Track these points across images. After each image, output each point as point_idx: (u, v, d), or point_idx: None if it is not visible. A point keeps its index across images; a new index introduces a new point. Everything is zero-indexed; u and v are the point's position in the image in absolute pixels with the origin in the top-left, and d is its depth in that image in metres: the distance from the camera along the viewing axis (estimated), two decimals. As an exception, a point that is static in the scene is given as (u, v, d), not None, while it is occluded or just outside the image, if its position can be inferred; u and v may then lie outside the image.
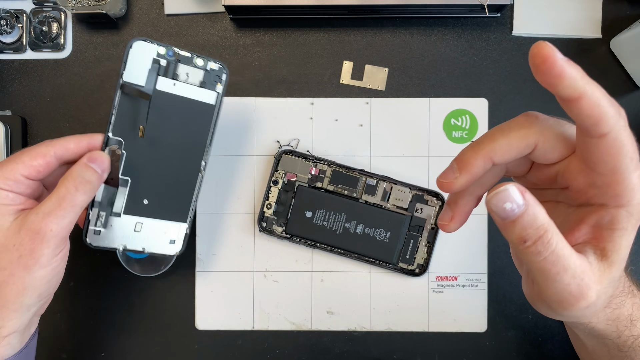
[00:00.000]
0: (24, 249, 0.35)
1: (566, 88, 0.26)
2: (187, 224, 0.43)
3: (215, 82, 0.42)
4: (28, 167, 0.36)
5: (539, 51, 0.26)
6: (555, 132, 0.28)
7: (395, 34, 0.50)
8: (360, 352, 0.50)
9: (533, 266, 0.26)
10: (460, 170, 0.28)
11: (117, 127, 0.39)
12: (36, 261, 0.35)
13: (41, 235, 0.35)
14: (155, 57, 0.40)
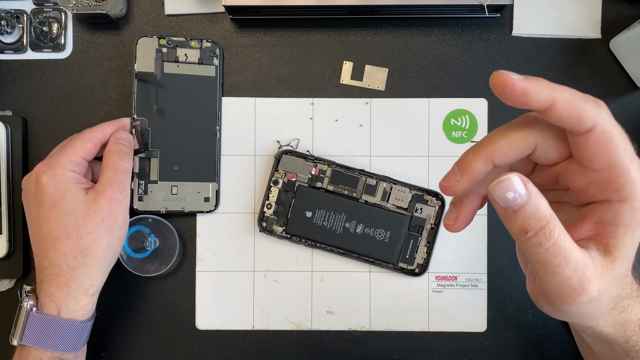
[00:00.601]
0: (104, 212, 0.42)
1: (535, 101, 0.27)
2: (216, 182, 0.49)
3: (211, 57, 0.49)
4: (83, 150, 0.43)
5: (497, 81, 0.28)
6: (554, 132, 0.28)
7: (395, 34, 0.50)
8: (360, 352, 0.50)
9: (534, 258, 0.26)
10: (462, 173, 0.28)
11: (139, 109, 0.48)
12: (115, 221, 0.42)
13: (115, 199, 0.42)
14: (157, 47, 0.48)
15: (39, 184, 0.42)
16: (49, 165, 0.42)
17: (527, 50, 0.50)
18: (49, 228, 0.41)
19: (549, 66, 0.50)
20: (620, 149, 0.26)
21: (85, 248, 0.41)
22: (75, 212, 0.41)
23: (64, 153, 0.43)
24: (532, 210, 0.25)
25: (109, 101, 0.50)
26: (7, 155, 0.49)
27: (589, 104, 0.26)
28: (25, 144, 0.50)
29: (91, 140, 0.44)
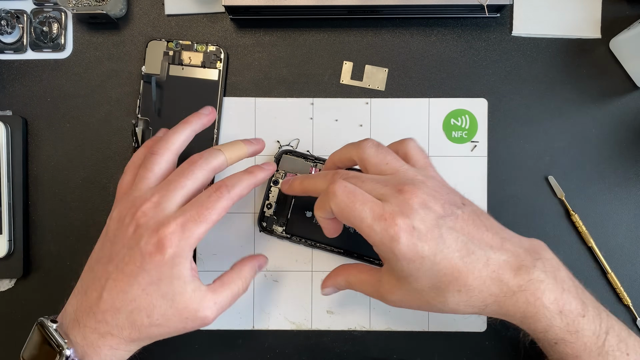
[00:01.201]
0: (194, 323, 0.38)
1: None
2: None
3: (215, 61, 0.49)
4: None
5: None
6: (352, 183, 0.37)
7: (395, 34, 0.50)
8: (360, 352, 0.50)
9: None
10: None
11: (143, 109, 0.49)
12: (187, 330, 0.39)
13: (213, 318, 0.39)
14: (165, 50, 0.49)
15: (159, 254, 0.35)
16: (183, 235, 0.35)
17: (527, 50, 0.50)
18: (136, 294, 0.36)
19: (549, 66, 0.50)
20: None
21: (151, 336, 0.37)
22: (172, 302, 0.36)
23: (203, 223, 0.36)
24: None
25: (109, 101, 0.50)
26: (7, 155, 0.49)
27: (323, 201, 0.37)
28: (25, 144, 0.50)
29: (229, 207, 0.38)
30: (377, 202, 0.34)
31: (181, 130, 0.41)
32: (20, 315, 0.50)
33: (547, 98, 0.50)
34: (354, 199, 0.34)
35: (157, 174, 0.39)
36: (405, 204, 0.34)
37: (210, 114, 0.43)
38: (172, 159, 0.40)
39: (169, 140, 0.40)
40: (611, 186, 0.50)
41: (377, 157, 0.38)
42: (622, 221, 0.49)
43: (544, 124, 0.50)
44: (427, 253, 0.33)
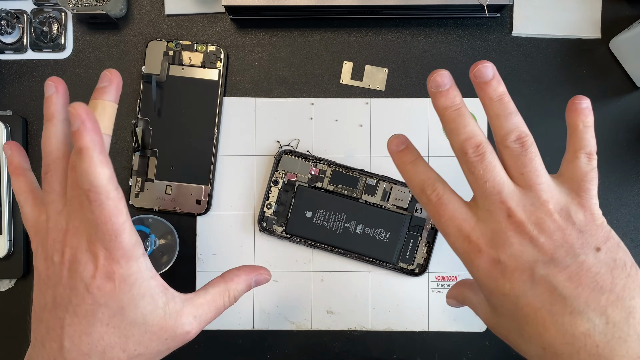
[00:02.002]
0: (175, 342, 0.34)
1: None
2: (209, 186, 0.49)
3: (215, 61, 0.49)
4: None
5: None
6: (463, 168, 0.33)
7: (395, 34, 0.50)
8: (360, 352, 0.50)
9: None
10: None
11: (143, 109, 0.49)
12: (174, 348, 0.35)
13: (194, 334, 0.35)
14: (165, 50, 0.49)
15: (109, 281, 0.31)
16: (119, 254, 0.31)
17: (527, 50, 0.50)
18: (101, 332, 0.32)
19: (549, 66, 0.50)
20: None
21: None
22: (144, 326, 0.32)
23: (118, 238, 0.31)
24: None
25: (109, 101, 0.50)
26: (7, 155, 0.49)
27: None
28: (25, 144, 0.50)
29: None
30: (468, 219, 0.31)
31: (51, 131, 0.34)
32: (20, 315, 0.50)
33: (547, 98, 0.50)
34: (443, 211, 0.31)
35: (60, 192, 0.33)
36: (503, 233, 0.29)
37: (57, 90, 0.34)
38: (64, 166, 0.33)
39: (50, 151, 0.34)
40: (611, 186, 0.50)
41: (517, 159, 0.32)
42: (622, 221, 0.49)
43: (544, 124, 0.50)
44: (507, 292, 0.29)
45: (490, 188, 0.30)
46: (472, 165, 0.30)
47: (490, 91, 0.34)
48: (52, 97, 0.34)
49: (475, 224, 0.30)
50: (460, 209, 0.31)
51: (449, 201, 0.31)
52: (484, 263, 0.30)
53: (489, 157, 0.31)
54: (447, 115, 0.32)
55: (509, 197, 0.30)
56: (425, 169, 0.33)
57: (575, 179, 0.31)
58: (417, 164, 0.34)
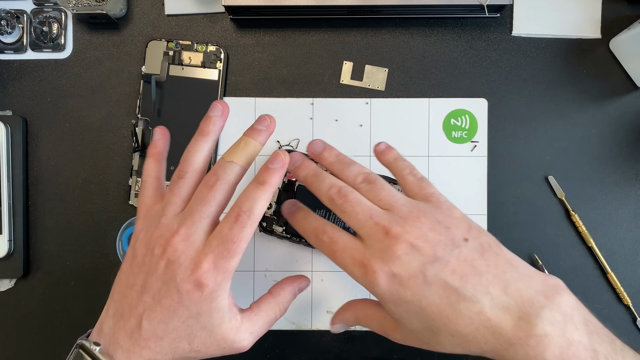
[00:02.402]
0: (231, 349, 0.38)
1: None
2: None
3: (215, 61, 0.49)
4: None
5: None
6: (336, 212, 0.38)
7: (395, 34, 0.50)
8: (360, 352, 0.50)
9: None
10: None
11: (143, 109, 0.49)
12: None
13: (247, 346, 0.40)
14: (165, 50, 0.49)
15: (196, 291, 0.35)
16: (217, 272, 0.35)
17: (527, 50, 0.50)
18: (177, 325, 0.36)
19: (549, 66, 0.50)
20: None
21: (190, 357, 0.37)
22: (211, 333, 0.36)
23: (235, 258, 0.35)
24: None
25: (109, 101, 0.50)
26: (7, 155, 0.49)
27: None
28: (25, 144, 0.50)
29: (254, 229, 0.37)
30: (357, 248, 0.35)
31: (201, 145, 0.39)
32: (20, 315, 0.50)
33: (547, 98, 0.50)
34: (335, 247, 0.35)
35: (184, 198, 0.38)
36: (388, 249, 0.33)
37: (222, 114, 0.40)
38: (198, 179, 0.38)
39: (193, 162, 0.39)
40: (611, 186, 0.50)
41: (370, 193, 0.37)
42: (622, 221, 0.49)
43: (544, 124, 0.50)
44: (410, 298, 0.33)
45: (363, 217, 0.35)
46: (342, 205, 0.36)
47: (326, 157, 0.40)
48: (215, 119, 0.39)
49: (365, 250, 0.34)
50: (349, 241, 0.35)
51: (339, 238, 0.36)
52: (382, 280, 0.33)
53: (352, 195, 0.36)
54: (308, 180, 0.39)
55: (381, 218, 0.35)
56: (314, 219, 0.38)
57: (417, 192, 0.37)
58: (307, 217, 0.39)
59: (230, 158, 0.37)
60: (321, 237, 0.36)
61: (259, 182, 0.36)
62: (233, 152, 0.38)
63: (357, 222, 0.35)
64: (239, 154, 0.38)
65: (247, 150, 0.38)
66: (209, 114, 0.40)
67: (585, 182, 0.50)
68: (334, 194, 0.37)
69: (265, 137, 0.39)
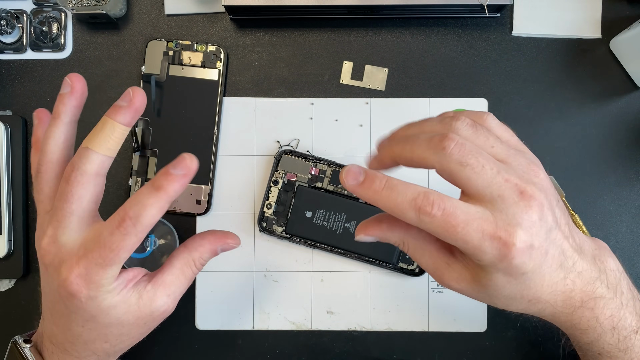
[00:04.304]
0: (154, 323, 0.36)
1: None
2: (208, 186, 0.49)
3: (215, 61, 0.49)
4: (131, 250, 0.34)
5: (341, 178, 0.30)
6: (452, 171, 0.29)
7: (395, 34, 0.50)
8: (360, 352, 0.50)
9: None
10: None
11: None
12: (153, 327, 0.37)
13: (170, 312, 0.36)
14: (165, 49, 0.49)
15: (72, 298, 0.31)
16: (90, 280, 0.31)
17: (527, 50, 0.50)
18: (79, 331, 0.33)
19: (549, 66, 0.50)
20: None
21: (119, 351, 0.36)
22: (122, 324, 0.33)
23: (107, 267, 0.31)
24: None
25: (109, 101, 0.50)
26: (7, 155, 0.49)
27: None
28: (25, 144, 0.50)
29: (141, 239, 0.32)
30: (484, 216, 0.27)
31: (53, 131, 0.34)
32: (20, 315, 0.50)
33: (547, 98, 0.50)
34: (455, 220, 0.27)
35: (49, 194, 0.34)
36: (524, 214, 0.27)
37: (73, 90, 0.34)
38: (59, 170, 0.34)
39: (46, 152, 0.33)
40: (611, 186, 0.50)
41: (478, 140, 0.29)
42: (622, 221, 0.49)
43: (544, 124, 0.50)
44: (528, 270, 0.29)
45: (491, 172, 0.28)
46: (461, 156, 0.28)
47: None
48: (63, 97, 0.33)
49: (496, 218, 0.27)
50: (470, 210, 0.28)
51: (456, 206, 0.28)
52: (520, 255, 0.27)
53: (468, 144, 0.29)
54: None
55: (508, 173, 0.28)
56: (405, 187, 0.29)
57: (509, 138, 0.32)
58: (392, 185, 0.29)
59: (86, 144, 0.32)
60: (429, 210, 0.27)
61: (154, 186, 0.31)
62: (90, 137, 0.32)
63: (484, 179, 0.28)
64: (94, 138, 0.32)
65: (105, 133, 0.32)
66: (60, 91, 0.33)
67: (585, 182, 0.50)
68: (443, 142, 0.28)
69: (128, 117, 0.32)
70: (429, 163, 0.29)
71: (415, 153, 0.29)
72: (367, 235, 0.32)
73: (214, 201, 0.50)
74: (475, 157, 0.28)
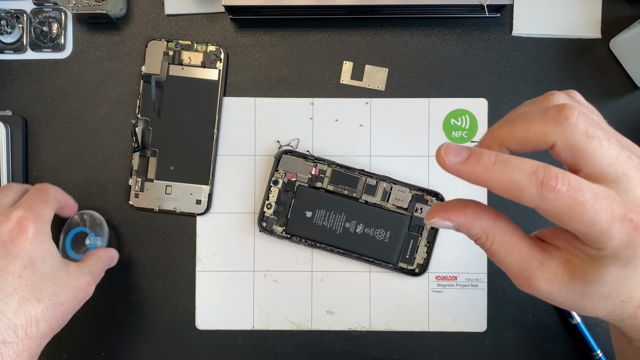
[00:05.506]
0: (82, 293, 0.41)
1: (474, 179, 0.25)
2: (208, 186, 0.49)
3: (215, 61, 0.49)
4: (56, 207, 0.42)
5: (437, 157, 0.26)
6: (578, 144, 0.25)
7: (395, 34, 0.50)
8: (360, 352, 0.50)
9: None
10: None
11: (143, 109, 0.49)
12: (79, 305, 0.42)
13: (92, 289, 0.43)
14: (165, 49, 0.49)
15: (22, 234, 0.36)
16: (36, 216, 0.37)
17: (527, 50, 0.50)
18: (16, 286, 0.36)
19: (549, 66, 0.50)
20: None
21: (50, 318, 0.37)
22: (55, 279, 0.37)
23: (47, 205, 0.39)
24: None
25: (109, 101, 0.50)
26: (7, 155, 0.49)
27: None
28: (25, 144, 0.50)
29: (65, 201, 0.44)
30: (612, 196, 0.24)
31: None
32: (20, 315, 0.50)
33: (547, 98, 0.50)
34: (582, 196, 0.23)
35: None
36: None
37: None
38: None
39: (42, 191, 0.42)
40: (611, 186, 0.49)
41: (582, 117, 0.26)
42: (622, 221, 0.49)
43: (544, 124, 0.50)
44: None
45: (615, 148, 0.25)
46: (585, 131, 0.25)
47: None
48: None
49: (622, 199, 0.24)
50: (596, 188, 0.24)
51: (580, 182, 0.24)
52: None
53: (582, 117, 0.25)
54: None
55: (631, 150, 0.25)
56: (520, 160, 0.24)
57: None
58: (504, 160, 0.25)
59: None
60: (553, 185, 0.23)
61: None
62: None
63: (610, 154, 0.25)
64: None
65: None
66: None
67: (585, 182, 0.49)
68: (564, 112, 0.25)
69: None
70: (550, 138, 0.25)
71: (531, 129, 0.25)
72: (445, 220, 0.27)
73: (214, 201, 0.50)
74: (600, 128, 0.25)
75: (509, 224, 0.27)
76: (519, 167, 0.24)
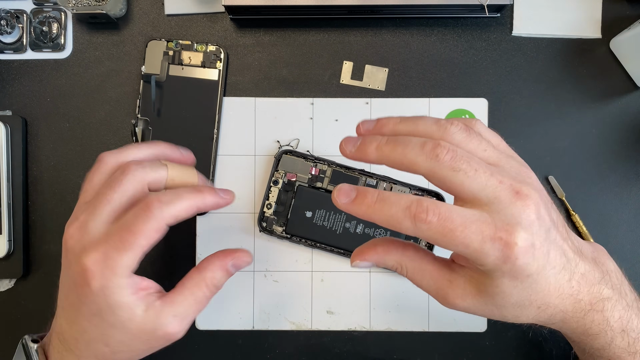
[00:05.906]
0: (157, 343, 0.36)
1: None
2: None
3: (215, 61, 0.49)
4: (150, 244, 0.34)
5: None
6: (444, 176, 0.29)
7: (395, 34, 0.50)
8: (360, 352, 0.50)
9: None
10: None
11: (143, 109, 0.49)
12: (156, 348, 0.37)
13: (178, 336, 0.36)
14: (165, 49, 0.49)
15: (85, 286, 0.32)
16: (104, 268, 0.31)
17: (527, 50, 0.50)
18: (85, 326, 0.33)
19: (549, 66, 0.50)
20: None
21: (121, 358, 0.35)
22: (124, 329, 0.33)
23: (127, 252, 0.31)
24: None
25: (109, 101, 0.50)
26: (7, 155, 0.49)
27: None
28: (25, 144, 0.50)
29: (162, 229, 0.33)
30: (482, 218, 0.27)
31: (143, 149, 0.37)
32: (20, 315, 0.50)
33: (547, 98, 0.50)
34: (452, 224, 0.27)
35: (95, 185, 0.35)
36: (522, 214, 0.27)
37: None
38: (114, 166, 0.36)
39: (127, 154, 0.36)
40: (611, 186, 0.50)
41: (471, 144, 0.29)
42: (622, 221, 0.49)
43: (544, 124, 0.50)
44: (533, 271, 0.28)
45: (484, 175, 0.28)
46: (453, 161, 0.28)
47: (385, 123, 0.33)
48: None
49: (493, 219, 0.27)
50: (467, 213, 0.27)
51: (450, 211, 0.27)
52: (523, 254, 0.27)
53: (459, 149, 0.28)
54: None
55: (502, 175, 0.28)
56: (397, 197, 0.28)
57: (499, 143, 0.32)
58: (384, 198, 0.29)
59: (166, 163, 0.36)
60: (424, 218, 0.27)
61: (196, 189, 0.33)
62: (173, 164, 0.36)
63: (478, 182, 0.27)
64: (176, 167, 0.36)
65: (185, 172, 0.36)
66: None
67: (585, 182, 0.50)
68: (435, 150, 0.28)
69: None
70: (420, 169, 0.29)
71: (407, 157, 0.29)
72: (363, 261, 0.33)
73: (214, 201, 0.50)
74: (468, 161, 0.28)
75: (417, 251, 0.32)
76: (396, 204, 0.28)
